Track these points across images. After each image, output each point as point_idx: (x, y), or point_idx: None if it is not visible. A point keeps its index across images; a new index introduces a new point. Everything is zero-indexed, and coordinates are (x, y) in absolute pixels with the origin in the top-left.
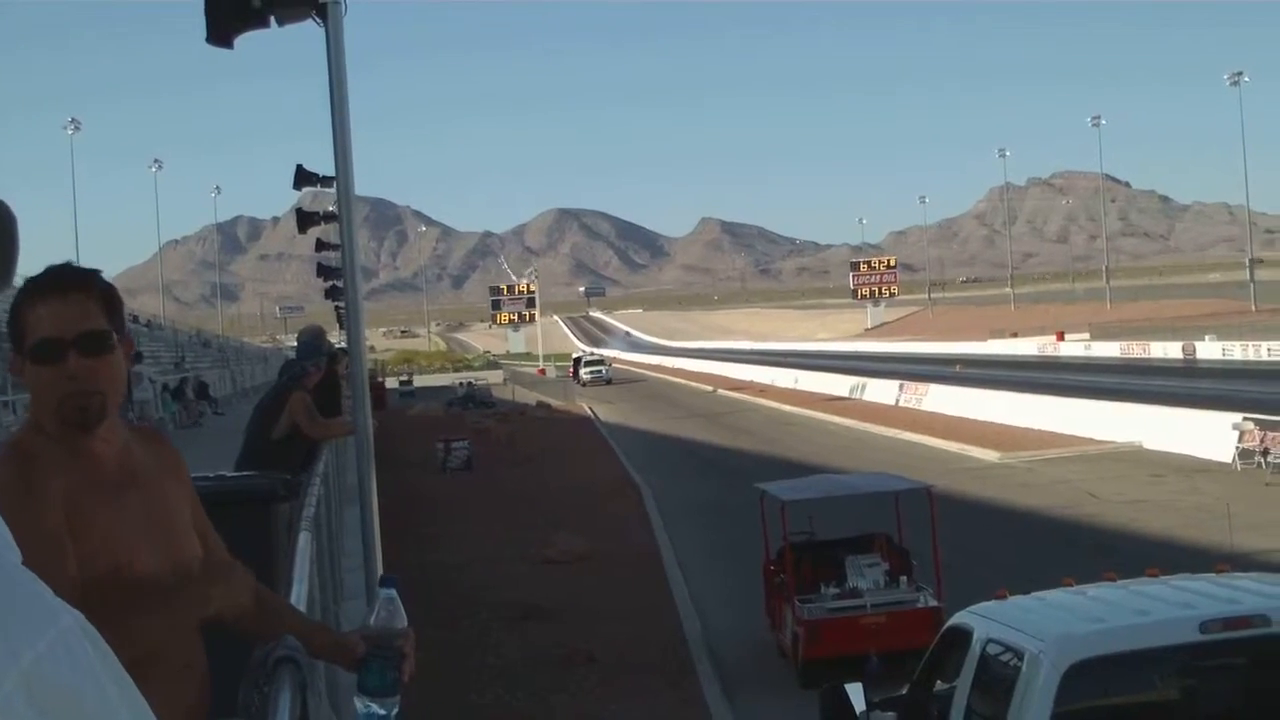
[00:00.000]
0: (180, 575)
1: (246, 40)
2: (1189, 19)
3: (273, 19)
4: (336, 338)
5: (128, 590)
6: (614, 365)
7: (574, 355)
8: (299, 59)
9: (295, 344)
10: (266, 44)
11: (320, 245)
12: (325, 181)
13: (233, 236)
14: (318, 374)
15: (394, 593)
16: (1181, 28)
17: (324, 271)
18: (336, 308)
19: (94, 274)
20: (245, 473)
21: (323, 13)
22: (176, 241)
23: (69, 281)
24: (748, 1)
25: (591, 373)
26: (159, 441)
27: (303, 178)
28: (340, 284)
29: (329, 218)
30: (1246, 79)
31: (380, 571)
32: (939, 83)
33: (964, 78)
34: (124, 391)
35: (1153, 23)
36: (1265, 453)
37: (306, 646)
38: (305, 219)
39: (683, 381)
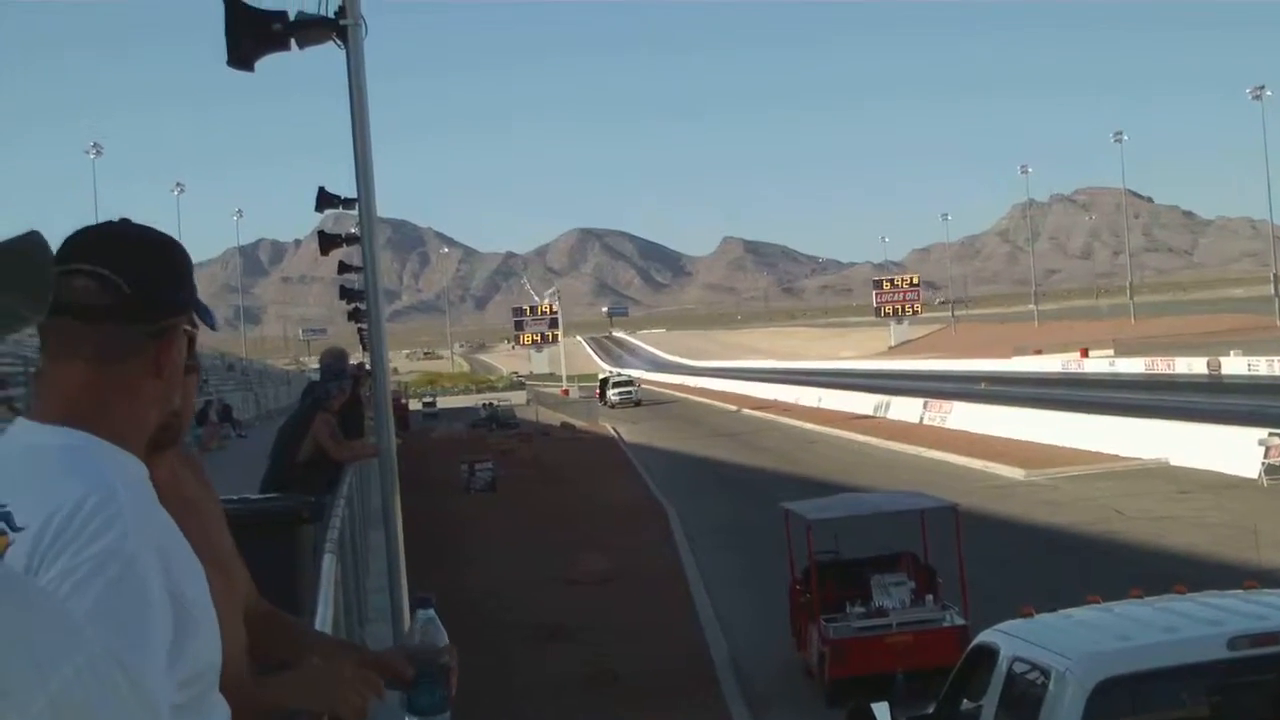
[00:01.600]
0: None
1: (268, 63)
2: (1211, 33)
3: (293, 42)
4: (360, 359)
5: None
6: (641, 386)
7: (600, 376)
8: (320, 81)
9: (318, 366)
10: (288, 66)
11: (343, 268)
12: (347, 204)
13: (255, 259)
14: (341, 396)
15: (433, 613)
16: (1203, 42)
17: (347, 294)
18: (359, 330)
19: None
20: (270, 495)
21: (343, 35)
22: (199, 264)
23: None
24: (767, 17)
25: (620, 394)
26: (198, 467)
27: (324, 200)
28: (363, 306)
29: (351, 240)
30: (1269, 93)
31: (406, 593)
32: (961, 99)
33: (985, 94)
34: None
35: (1174, 37)
36: None
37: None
38: (328, 241)
39: (706, 401)
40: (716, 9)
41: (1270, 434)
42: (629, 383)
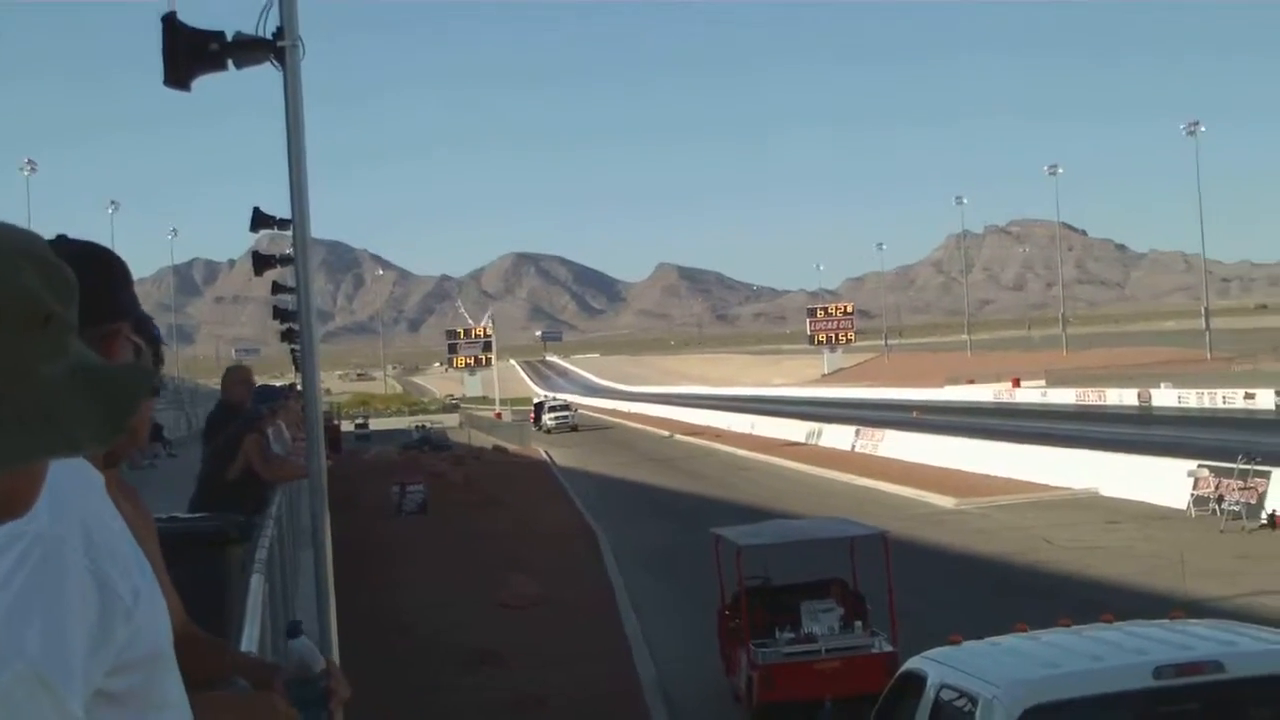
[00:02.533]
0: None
1: (205, 82)
2: (1147, 68)
3: (230, 62)
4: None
5: None
6: (578, 411)
7: (535, 400)
8: (257, 102)
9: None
10: (225, 86)
11: (277, 288)
12: (282, 224)
13: (189, 279)
14: (271, 418)
15: (305, 639)
16: (1139, 76)
17: (280, 314)
18: (292, 350)
19: (150, 320)
20: (199, 514)
21: (280, 57)
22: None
23: (137, 321)
24: (702, 45)
25: (556, 419)
26: (136, 496)
27: (259, 220)
28: (296, 327)
29: (285, 260)
30: (1203, 128)
31: (334, 614)
32: (897, 129)
33: (922, 125)
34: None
35: (1110, 71)
36: (1220, 500)
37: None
38: (261, 261)
39: (639, 426)
40: (650, 37)
41: (1199, 466)
42: (565, 407)
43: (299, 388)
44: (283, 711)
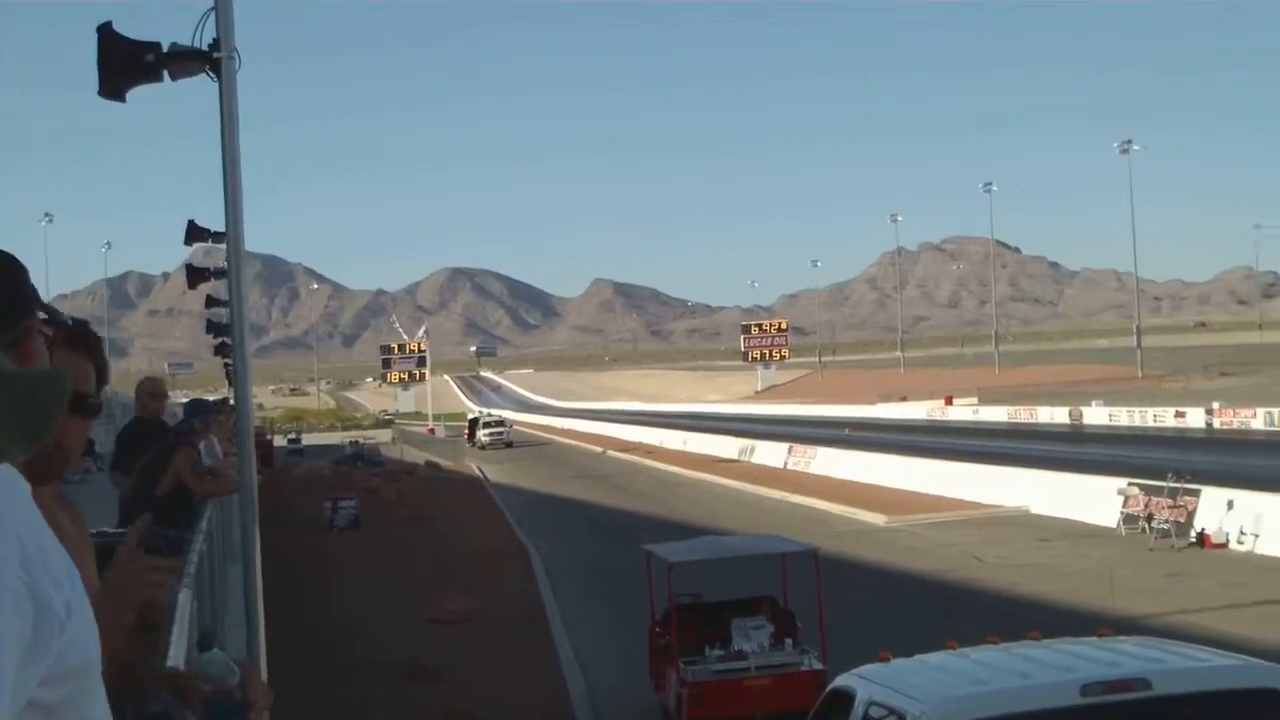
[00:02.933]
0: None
1: (141, 94)
2: (1081, 88)
3: (165, 73)
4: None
5: None
6: (513, 427)
7: (470, 415)
8: (193, 114)
9: (184, 402)
10: (161, 98)
11: (210, 301)
12: (216, 237)
13: (123, 292)
14: (204, 432)
15: (218, 651)
16: (1073, 96)
17: (214, 328)
18: (226, 364)
19: (100, 340)
20: (127, 529)
21: (215, 68)
22: (65, 296)
23: (84, 340)
24: (636, 61)
25: (491, 435)
26: (75, 511)
27: (194, 233)
28: (230, 340)
29: (219, 273)
30: (1136, 148)
31: (263, 629)
32: (832, 146)
33: (857, 142)
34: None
35: (1044, 91)
36: (1149, 518)
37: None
38: (195, 275)
39: (572, 442)
40: (586, 53)
41: (1129, 484)
42: (500, 423)
43: (231, 402)
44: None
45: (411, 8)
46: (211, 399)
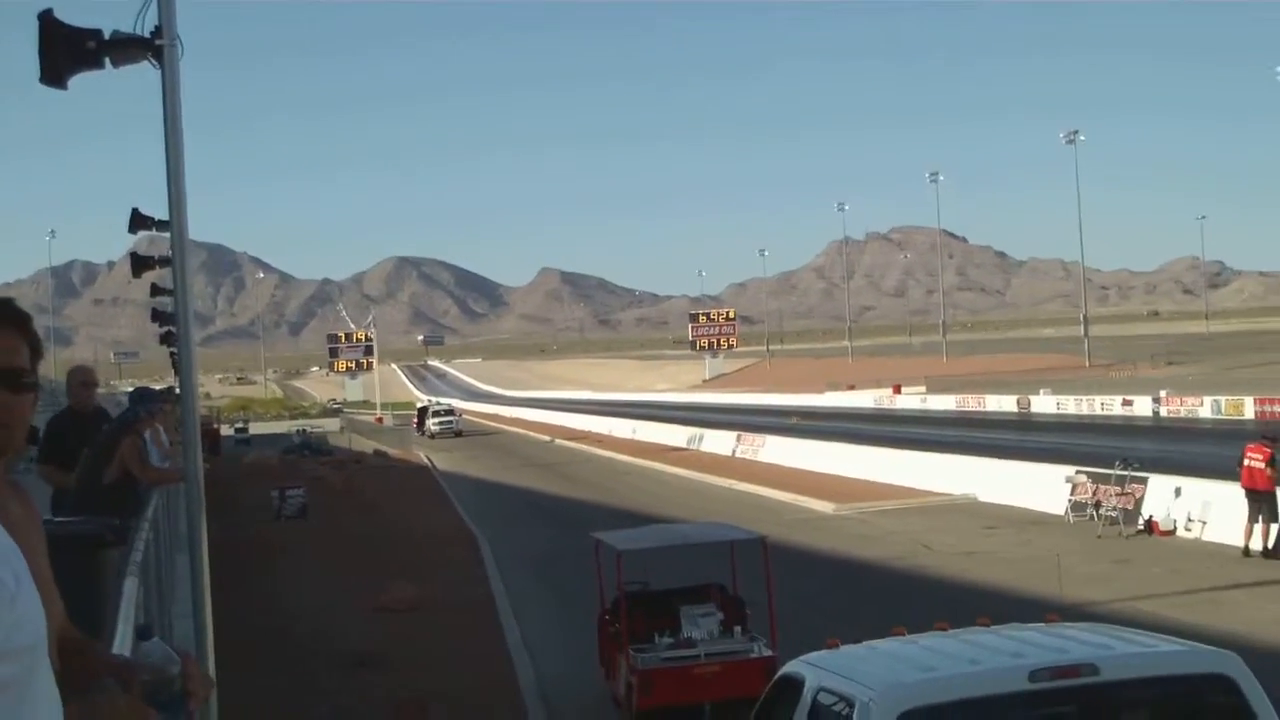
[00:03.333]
0: (53, 635)
1: (84, 81)
2: (1027, 78)
3: (108, 60)
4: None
5: None
6: (462, 416)
7: (419, 404)
8: (137, 100)
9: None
10: (104, 85)
11: (156, 290)
12: (161, 225)
13: (67, 280)
14: (150, 421)
15: (157, 640)
16: (1020, 86)
17: (159, 317)
18: (171, 353)
19: (29, 316)
20: (74, 518)
21: (158, 55)
22: (10, 285)
23: (9, 316)
24: (585, 52)
25: (441, 424)
26: (25, 496)
27: (138, 221)
28: (175, 329)
29: (164, 262)
30: (1082, 138)
31: (210, 618)
32: (779, 136)
33: (804, 131)
34: (25, 440)
35: (990, 82)
36: (1097, 505)
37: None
38: (140, 263)
39: (520, 431)
40: (533, 45)
41: (1076, 472)
42: (450, 412)
43: (177, 390)
44: (123, 707)
45: (360, 4)
46: (158, 388)
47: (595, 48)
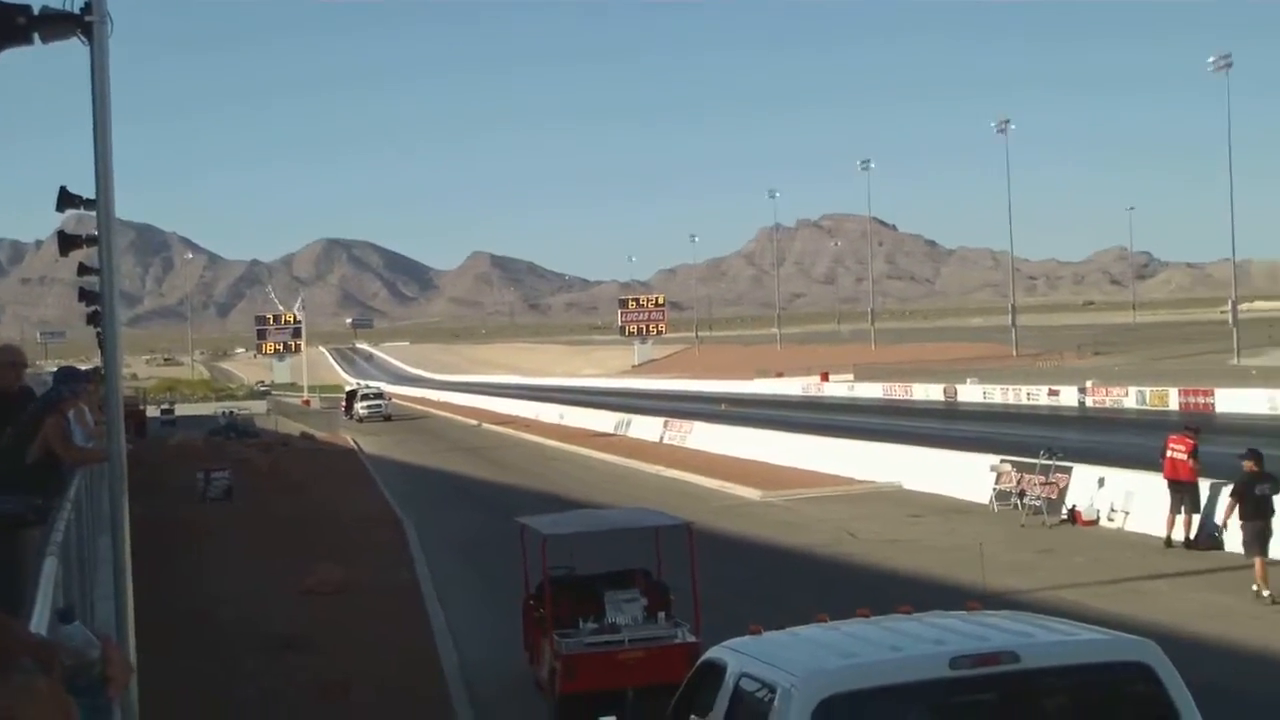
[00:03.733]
0: None
1: (11, 56)
2: (958, 67)
3: (36, 36)
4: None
5: None
6: (391, 400)
7: (348, 388)
8: (65, 77)
9: (54, 370)
10: (33, 61)
11: (83, 269)
12: (88, 204)
13: None
14: (74, 401)
15: (78, 624)
16: (951, 76)
17: (86, 296)
18: (98, 333)
19: None
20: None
21: (87, 31)
22: None
23: None
24: (517, 40)
25: (369, 407)
26: None
27: (66, 200)
28: (101, 308)
29: (91, 241)
30: (1013, 127)
31: (131, 599)
32: (710, 122)
33: (735, 119)
34: None
35: (922, 69)
36: (1021, 494)
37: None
38: (67, 242)
39: (448, 415)
40: (467, 30)
41: (1001, 460)
42: (379, 396)
43: (101, 370)
44: (43, 689)
45: None
46: (83, 368)
47: (536, 30)
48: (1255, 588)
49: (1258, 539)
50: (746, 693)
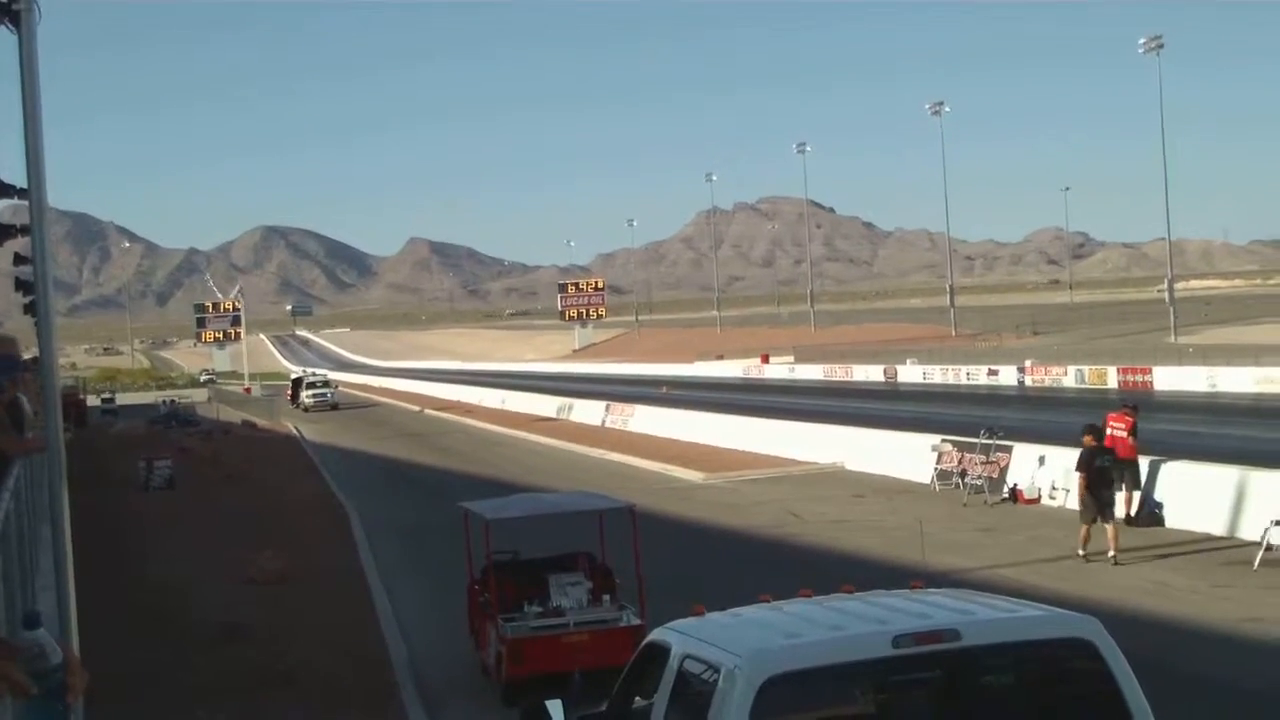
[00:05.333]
0: None
1: None
2: (892, 48)
3: None
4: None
5: None
6: (338, 388)
7: (293, 375)
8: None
9: None
10: None
11: (19, 259)
12: (22, 194)
13: None
14: (13, 389)
15: (43, 630)
16: (885, 56)
17: (22, 286)
18: (35, 323)
19: None
20: None
21: (15, 19)
22: None
23: None
24: (449, 24)
25: (315, 396)
26: None
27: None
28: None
29: (26, 230)
30: (948, 109)
31: (73, 590)
32: (646, 106)
33: (671, 103)
34: None
35: (857, 51)
36: (963, 474)
37: None
38: (1, 232)
39: (390, 401)
40: (394, 16)
41: (942, 440)
42: (325, 384)
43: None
44: (12, 678)
45: None
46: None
47: (470, 17)
48: (1110, 552)
49: (1097, 508)
50: (690, 674)
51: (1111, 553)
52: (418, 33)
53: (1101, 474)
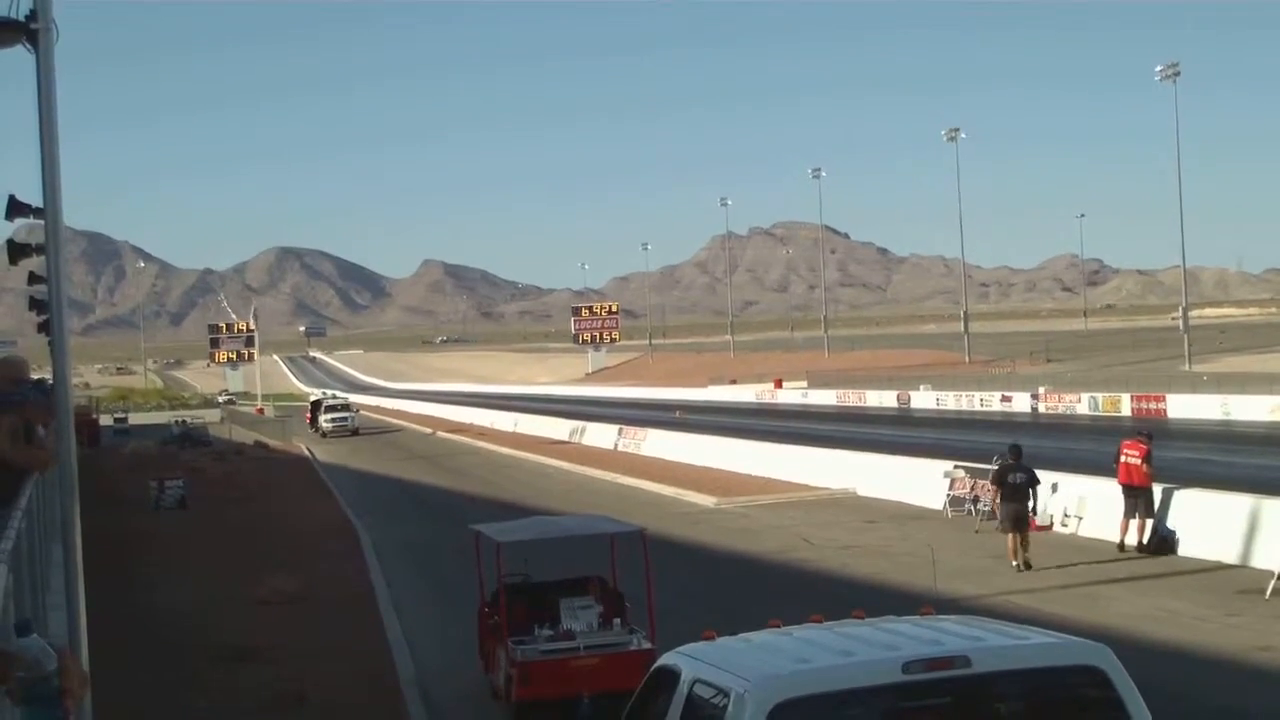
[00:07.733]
0: None
1: None
2: (908, 73)
3: None
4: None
5: None
6: (360, 412)
7: (312, 397)
8: (13, 84)
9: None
10: None
11: (33, 278)
12: (38, 213)
13: None
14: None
15: (35, 636)
16: (901, 83)
17: (37, 305)
18: (50, 343)
19: None
20: None
21: (33, 39)
22: None
23: None
24: (466, 43)
25: (334, 420)
26: None
27: (15, 208)
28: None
29: (41, 250)
30: (963, 135)
31: (84, 608)
32: (662, 130)
33: (687, 126)
34: None
35: (873, 75)
36: (975, 500)
37: None
38: (17, 251)
39: (402, 423)
40: (411, 34)
41: (955, 467)
42: (345, 407)
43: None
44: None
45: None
46: (35, 377)
47: (486, 35)
48: (1013, 562)
49: (1011, 519)
50: (700, 698)
51: (1015, 561)
52: (433, 50)
53: (1015, 490)
